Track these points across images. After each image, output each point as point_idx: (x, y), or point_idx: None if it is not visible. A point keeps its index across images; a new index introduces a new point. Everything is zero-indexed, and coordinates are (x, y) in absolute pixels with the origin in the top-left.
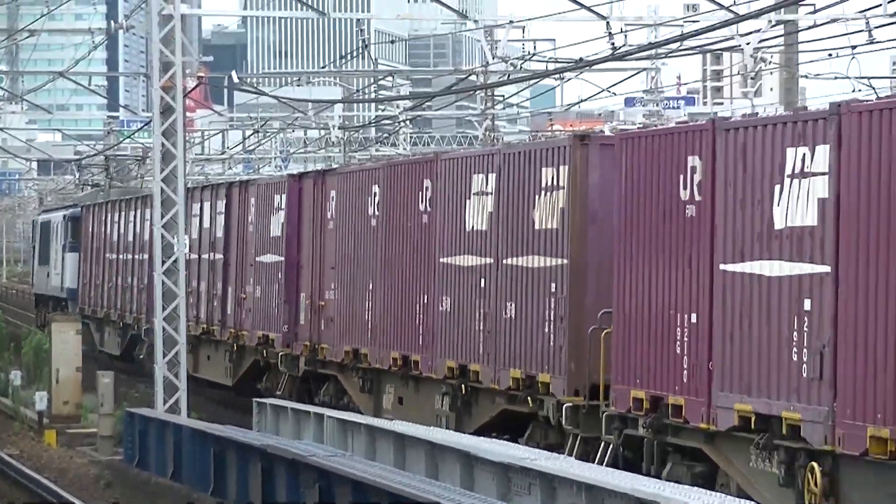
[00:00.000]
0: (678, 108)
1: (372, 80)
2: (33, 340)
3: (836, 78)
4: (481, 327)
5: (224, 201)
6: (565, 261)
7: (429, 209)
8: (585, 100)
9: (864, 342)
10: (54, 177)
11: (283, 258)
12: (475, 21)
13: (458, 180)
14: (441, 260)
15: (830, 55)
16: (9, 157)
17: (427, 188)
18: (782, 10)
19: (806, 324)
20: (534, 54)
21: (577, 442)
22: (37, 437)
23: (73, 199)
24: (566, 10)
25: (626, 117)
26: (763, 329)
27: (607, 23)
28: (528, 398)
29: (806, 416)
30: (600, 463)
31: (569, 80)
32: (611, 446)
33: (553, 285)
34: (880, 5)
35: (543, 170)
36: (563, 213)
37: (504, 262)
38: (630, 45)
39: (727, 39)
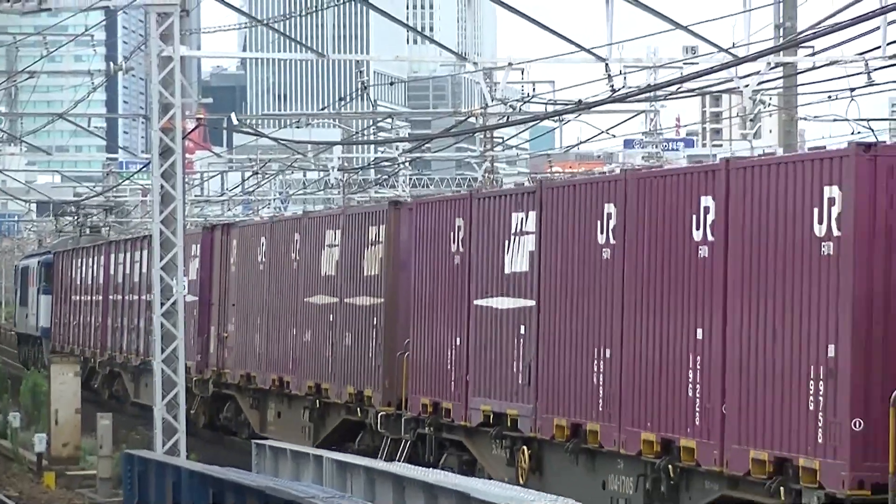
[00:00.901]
0: (677, 150)
1: (371, 122)
2: (30, 381)
3: (835, 120)
4: (329, 353)
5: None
6: (382, 300)
7: (297, 258)
8: (584, 141)
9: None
10: (53, 218)
11: (197, 297)
12: (474, 63)
13: (315, 238)
14: (305, 300)
15: (830, 97)
16: (8, 198)
17: (297, 241)
18: (781, 52)
19: (521, 344)
20: (533, 96)
21: (388, 442)
22: (36, 479)
23: (47, 246)
24: (565, 52)
25: (625, 159)
26: (495, 349)
27: (606, 65)
28: (359, 409)
29: (521, 412)
30: (401, 458)
31: (568, 121)
32: (407, 443)
33: (375, 319)
34: (879, 48)
35: (370, 228)
36: (381, 262)
37: (345, 301)
38: (629, 87)
39: (726, 81)
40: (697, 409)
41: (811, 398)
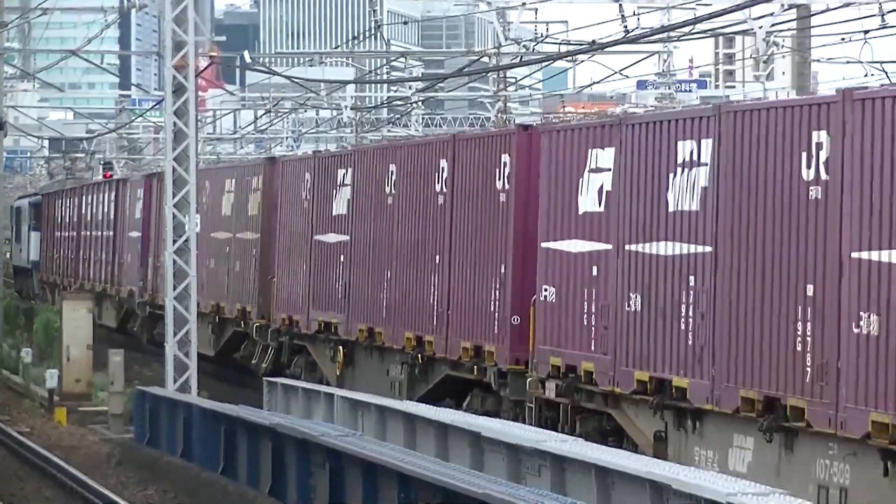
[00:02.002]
0: (690, 91)
1: (384, 61)
2: (43, 318)
3: (848, 62)
4: (225, 279)
5: (115, 192)
6: (258, 235)
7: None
8: (597, 82)
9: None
10: (64, 154)
11: (139, 234)
12: (488, 3)
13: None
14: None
15: (843, 39)
16: (20, 135)
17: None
18: None
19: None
20: (546, 36)
21: (260, 347)
22: (47, 415)
23: (38, 188)
24: None
25: (637, 100)
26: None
27: (620, 5)
28: (242, 322)
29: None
30: (268, 361)
31: (581, 62)
32: (272, 349)
33: (254, 250)
34: None
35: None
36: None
37: (237, 235)
38: (643, 28)
39: (740, 23)
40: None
41: None
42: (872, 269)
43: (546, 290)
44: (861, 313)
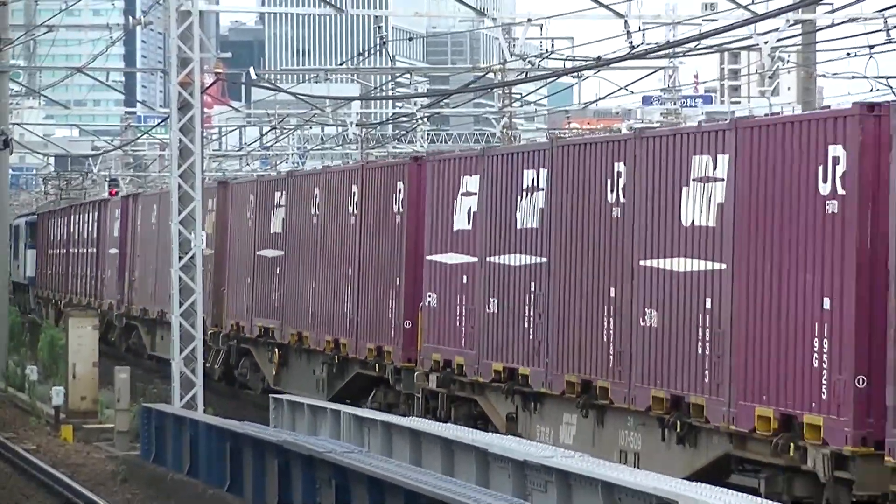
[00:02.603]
0: (696, 106)
1: (390, 78)
2: (48, 335)
3: (853, 77)
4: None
5: (97, 212)
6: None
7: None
8: (603, 98)
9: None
10: (59, 174)
11: (117, 251)
12: (493, 19)
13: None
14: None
15: (848, 54)
16: (26, 152)
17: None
18: (800, 9)
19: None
20: (551, 52)
21: (213, 352)
22: (53, 433)
23: (35, 208)
24: (584, 9)
25: (643, 115)
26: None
27: (625, 21)
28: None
29: (276, 326)
30: (218, 363)
31: (586, 78)
32: (221, 352)
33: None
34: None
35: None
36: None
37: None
38: (648, 44)
39: (745, 38)
40: None
41: None
42: (653, 274)
43: (430, 296)
44: (645, 309)
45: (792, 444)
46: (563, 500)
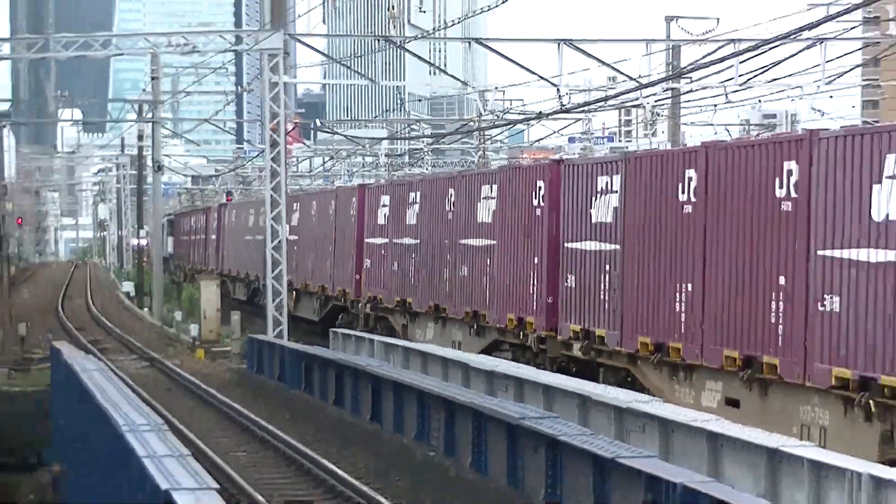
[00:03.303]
0: (602, 144)
1: (406, 125)
2: (188, 292)
3: (705, 125)
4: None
5: (204, 215)
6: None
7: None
8: (543, 138)
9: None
10: (188, 190)
11: (215, 237)
12: (473, 87)
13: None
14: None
15: (701, 109)
16: (172, 173)
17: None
18: (670, 81)
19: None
20: (510, 109)
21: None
22: (191, 354)
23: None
24: (531, 80)
25: (568, 150)
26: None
27: (558, 89)
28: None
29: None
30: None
31: (533, 125)
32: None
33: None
34: (732, 78)
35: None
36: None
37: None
38: (573, 103)
39: (635, 100)
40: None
41: None
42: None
43: (569, 278)
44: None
45: None
46: (518, 396)
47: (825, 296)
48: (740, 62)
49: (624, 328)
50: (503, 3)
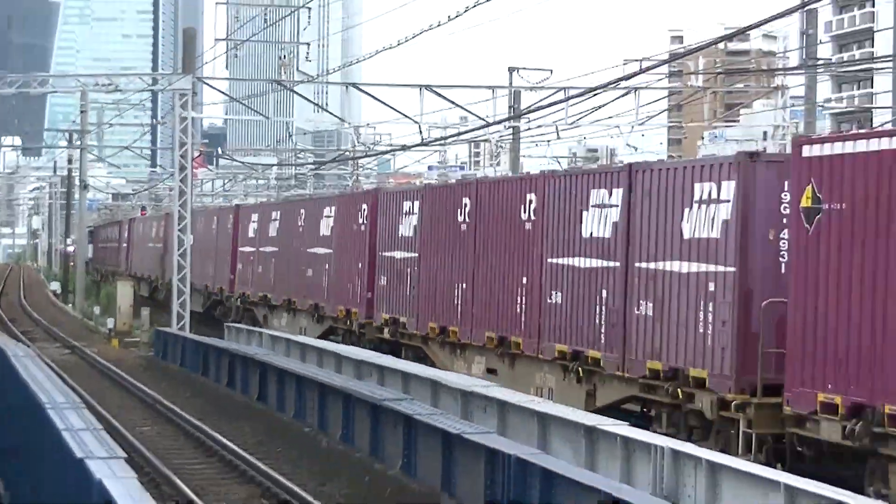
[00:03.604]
0: (456, 172)
1: (294, 154)
2: (105, 290)
3: (540, 157)
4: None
5: (118, 227)
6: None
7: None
8: (406, 167)
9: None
10: (106, 206)
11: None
12: (349, 123)
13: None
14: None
15: (536, 144)
16: (96, 190)
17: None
18: (510, 120)
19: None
20: (379, 142)
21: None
22: (107, 343)
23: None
24: (397, 118)
25: (427, 177)
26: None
27: (419, 125)
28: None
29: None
30: None
31: (398, 155)
32: None
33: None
34: (563, 119)
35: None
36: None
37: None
38: (431, 138)
39: (483, 136)
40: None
41: None
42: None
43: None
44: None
45: None
46: (435, 397)
47: (552, 291)
48: (569, 105)
49: (419, 316)
50: (375, 55)
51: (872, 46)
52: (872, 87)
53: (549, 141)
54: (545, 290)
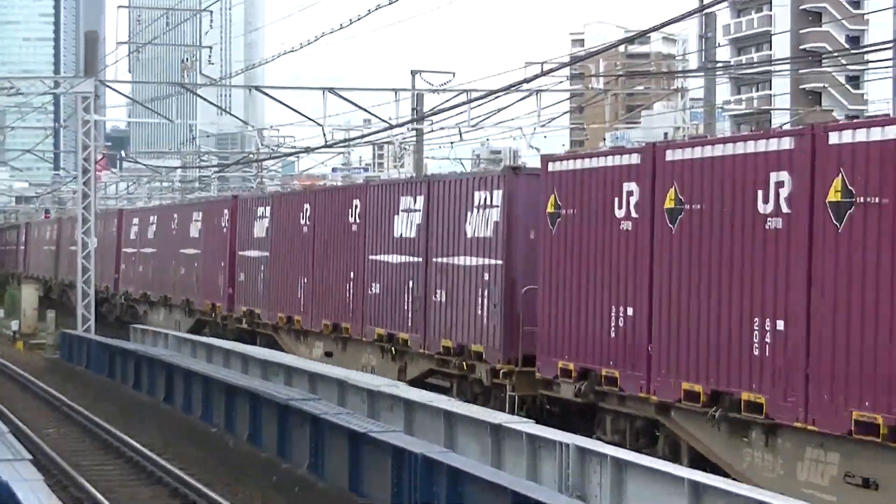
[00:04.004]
0: (360, 173)
1: (197, 157)
2: (10, 293)
3: (444, 158)
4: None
5: (16, 231)
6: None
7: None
8: (310, 169)
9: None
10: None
11: (24, 248)
12: (253, 126)
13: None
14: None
15: (440, 147)
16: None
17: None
18: (414, 122)
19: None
20: (283, 144)
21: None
22: (12, 345)
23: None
24: (301, 121)
25: (332, 179)
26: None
27: (322, 128)
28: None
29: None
30: None
31: (301, 158)
32: None
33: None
34: (465, 121)
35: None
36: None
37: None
38: (335, 140)
39: (388, 138)
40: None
41: None
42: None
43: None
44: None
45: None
46: (288, 380)
47: (372, 283)
48: (472, 108)
49: (269, 307)
50: (278, 57)
51: (770, 49)
52: (770, 89)
53: (452, 143)
54: (367, 282)
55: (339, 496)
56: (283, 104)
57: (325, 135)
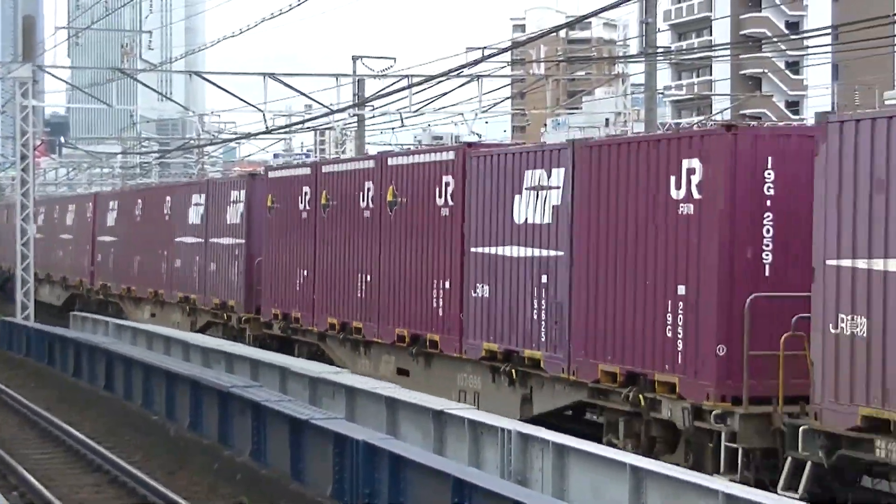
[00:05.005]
0: (303, 159)
1: (137, 143)
2: None
3: (385, 144)
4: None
5: None
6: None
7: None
8: (251, 155)
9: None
10: None
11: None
12: (193, 112)
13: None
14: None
15: (382, 132)
16: None
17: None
18: (356, 108)
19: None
20: (224, 130)
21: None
22: None
23: None
24: (242, 107)
25: (274, 163)
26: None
27: (263, 114)
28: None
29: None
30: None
31: (242, 144)
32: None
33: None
34: (407, 107)
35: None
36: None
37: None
38: (276, 126)
39: (328, 124)
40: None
41: None
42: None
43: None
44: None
45: None
46: (228, 367)
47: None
48: (413, 93)
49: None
50: (218, 43)
51: (711, 35)
52: (711, 75)
53: (393, 129)
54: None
55: (281, 483)
56: (224, 90)
57: (265, 120)
